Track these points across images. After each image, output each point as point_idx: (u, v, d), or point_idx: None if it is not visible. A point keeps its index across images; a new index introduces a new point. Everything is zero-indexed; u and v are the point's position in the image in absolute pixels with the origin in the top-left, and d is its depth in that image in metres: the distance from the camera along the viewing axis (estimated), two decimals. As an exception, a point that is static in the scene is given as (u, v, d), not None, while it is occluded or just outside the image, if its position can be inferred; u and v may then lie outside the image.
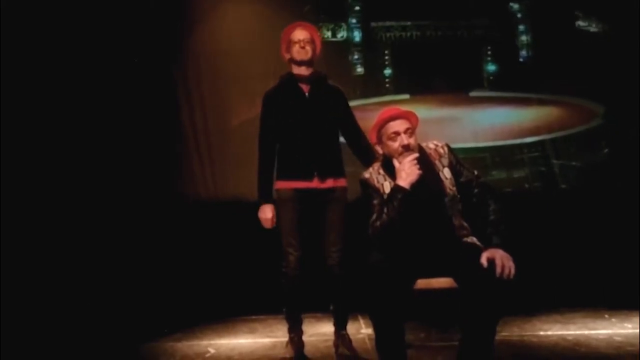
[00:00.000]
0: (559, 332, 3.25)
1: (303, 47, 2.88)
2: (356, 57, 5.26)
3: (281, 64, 4.97)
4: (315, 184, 2.84)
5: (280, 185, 2.90)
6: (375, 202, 2.33)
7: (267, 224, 2.92)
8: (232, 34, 5.17)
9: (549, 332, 3.26)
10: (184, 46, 5.20)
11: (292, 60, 2.94)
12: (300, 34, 2.91)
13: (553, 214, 4.59)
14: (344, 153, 3.03)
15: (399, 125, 2.30)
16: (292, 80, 2.94)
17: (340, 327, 2.93)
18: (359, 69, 5.25)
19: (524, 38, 5.30)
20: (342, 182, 2.91)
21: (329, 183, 2.86)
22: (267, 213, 2.89)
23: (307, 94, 2.92)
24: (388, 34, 5.31)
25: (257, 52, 5.14)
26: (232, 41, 5.14)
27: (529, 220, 4.32)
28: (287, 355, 2.83)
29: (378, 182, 2.37)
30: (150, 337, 3.56)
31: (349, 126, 2.97)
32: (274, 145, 2.92)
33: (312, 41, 2.92)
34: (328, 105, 2.92)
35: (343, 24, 5.30)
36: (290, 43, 2.92)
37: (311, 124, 2.86)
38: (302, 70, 2.92)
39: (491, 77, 5.29)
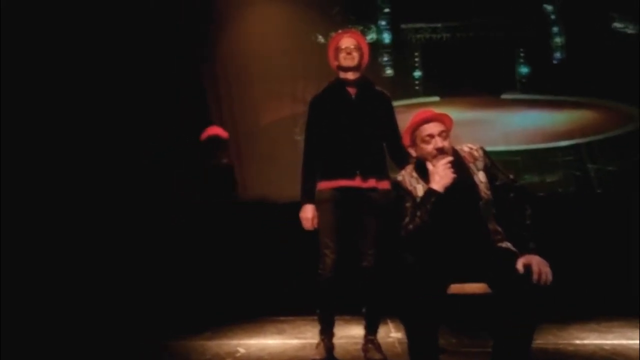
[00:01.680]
0: (596, 342, 3.15)
1: (350, 54, 2.90)
2: (385, 59, 5.24)
3: (309, 66, 5.06)
4: (357, 182, 2.83)
5: (322, 185, 2.90)
6: (407, 204, 2.30)
7: (308, 224, 2.90)
8: (261, 36, 5.21)
9: (586, 341, 3.18)
10: (213, 47, 5.26)
11: (340, 67, 2.95)
12: (347, 41, 2.94)
13: (588, 219, 4.49)
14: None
15: (433, 127, 2.27)
16: (339, 84, 2.97)
17: (370, 332, 2.90)
18: (388, 71, 5.24)
19: (557, 39, 5.21)
20: (384, 185, 2.87)
21: (371, 183, 2.84)
22: (307, 212, 2.89)
23: (353, 96, 2.93)
24: (418, 36, 5.28)
25: (285, 53, 5.18)
26: (261, 43, 5.19)
27: (562, 226, 4.22)
28: (317, 357, 2.80)
29: (411, 184, 2.34)
30: (182, 335, 3.60)
31: (390, 130, 2.96)
32: (319, 147, 2.93)
33: (359, 48, 2.94)
34: (373, 108, 2.93)
35: (372, 25, 5.29)
36: (337, 50, 2.95)
37: (356, 125, 2.87)
38: (349, 76, 2.94)
39: (523, 80, 5.21)
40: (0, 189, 4.05)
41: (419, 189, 2.30)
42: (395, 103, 3.09)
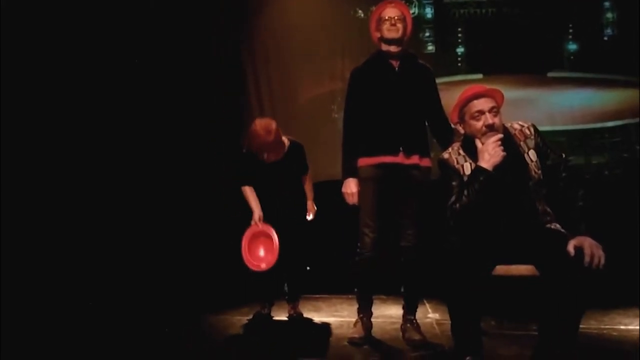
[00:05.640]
0: (641, 328, 3.06)
1: (394, 25, 2.78)
2: (427, 34, 5.09)
3: (348, 42, 4.96)
4: (400, 158, 2.75)
5: (364, 162, 2.82)
6: (454, 183, 2.25)
7: (352, 199, 2.82)
8: (300, 11, 5.14)
9: (630, 327, 3.08)
10: (252, 23, 5.22)
11: (382, 39, 2.83)
12: (391, 11, 2.81)
13: (634, 202, 4.32)
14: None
15: (483, 103, 2.20)
16: (381, 56, 2.86)
17: (409, 312, 2.87)
18: (430, 47, 5.09)
19: (609, 15, 4.97)
20: (426, 162, 2.81)
21: (414, 159, 2.77)
22: (352, 187, 2.81)
23: (396, 69, 2.83)
24: (462, 11, 5.10)
25: (324, 29, 5.09)
26: (300, 18, 5.12)
27: (608, 209, 4.07)
28: (356, 335, 2.80)
29: (458, 162, 2.28)
30: (220, 310, 3.65)
31: (433, 105, 2.88)
32: (360, 121, 2.84)
33: (403, 19, 2.81)
34: (417, 82, 2.84)
35: (414, 0, 5.14)
36: (380, 21, 2.82)
37: (399, 99, 2.78)
38: (392, 49, 2.82)
39: (572, 57, 4.99)
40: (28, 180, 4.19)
41: (467, 168, 2.24)
42: (436, 80, 2.99)
